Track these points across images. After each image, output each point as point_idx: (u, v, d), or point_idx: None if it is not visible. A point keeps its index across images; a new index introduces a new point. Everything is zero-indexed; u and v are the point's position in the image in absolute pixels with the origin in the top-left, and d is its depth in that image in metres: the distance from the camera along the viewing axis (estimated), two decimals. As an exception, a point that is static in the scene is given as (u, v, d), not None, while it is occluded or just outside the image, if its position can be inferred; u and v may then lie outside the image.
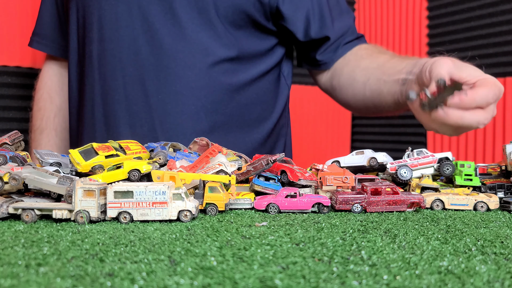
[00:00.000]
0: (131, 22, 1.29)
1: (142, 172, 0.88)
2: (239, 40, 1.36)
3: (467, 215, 0.87)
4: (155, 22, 1.28)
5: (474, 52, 2.54)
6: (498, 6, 2.44)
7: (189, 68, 1.30)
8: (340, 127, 3.28)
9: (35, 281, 0.46)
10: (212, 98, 1.33)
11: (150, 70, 1.30)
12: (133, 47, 1.30)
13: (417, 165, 1.07)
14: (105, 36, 1.32)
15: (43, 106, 1.57)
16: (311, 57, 1.49)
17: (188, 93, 1.31)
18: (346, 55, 1.45)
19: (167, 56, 1.29)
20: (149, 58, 1.30)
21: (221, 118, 1.36)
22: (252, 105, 1.43)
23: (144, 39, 1.29)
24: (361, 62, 1.40)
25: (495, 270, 0.52)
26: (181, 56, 1.30)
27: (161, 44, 1.29)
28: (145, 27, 1.29)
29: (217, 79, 1.33)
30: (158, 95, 1.30)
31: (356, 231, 0.71)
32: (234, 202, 0.91)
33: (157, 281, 0.46)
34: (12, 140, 0.99)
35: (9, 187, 0.84)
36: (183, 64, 1.30)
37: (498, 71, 2.44)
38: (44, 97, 1.58)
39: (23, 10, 2.10)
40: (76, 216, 0.74)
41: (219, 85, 1.34)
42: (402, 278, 0.49)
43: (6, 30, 2.08)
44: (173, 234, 0.67)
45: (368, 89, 1.37)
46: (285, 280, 0.47)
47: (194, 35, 1.30)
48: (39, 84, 1.62)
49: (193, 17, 1.29)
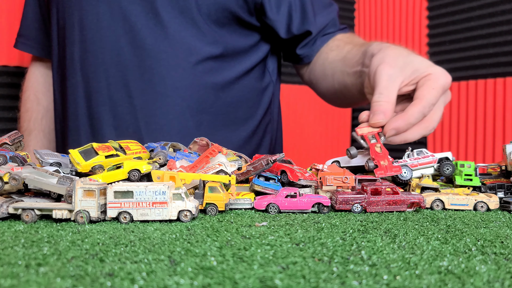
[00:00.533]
0: (113, 22, 1.28)
1: (142, 172, 0.88)
2: (223, 38, 1.34)
3: (467, 215, 0.87)
4: (137, 22, 1.27)
5: (474, 52, 2.54)
6: (498, 6, 2.44)
7: (172, 68, 1.29)
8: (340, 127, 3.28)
9: (35, 281, 0.46)
10: (197, 98, 1.32)
11: (133, 71, 1.29)
12: (115, 48, 1.28)
13: (417, 165, 1.07)
14: (87, 37, 1.30)
15: (31, 108, 1.55)
16: (293, 52, 1.47)
17: (172, 93, 1.30)
18: (322, 47, 1.43)
19: (150, 57, 1.28)
20: (132, 59, 1.28)
21: (206, 118, 1.35)
22: (238, 103, 1.41)
23: (126, 40, 1.28)
24: (329, 54, 1.39)
25: (495, 270, 0.52)
26: (164, 56, 1.28)
27: (144, 45, 1.28)
28: (127, 28, 1.27)
29: (202, 78, 1.32)
30: (142, 96, 1.29)
31: (356, 231, 0.71)
32: (234, 202, 0.91)
33: (157, 281, 0.46)
34: (12, 140, 0.99)
35: (9, 187, 0.84)
36: (167, 64, 1.29)
37: (498, 71, 2.44)
38: (31, 98, 1.57)
39: (11, 9, 2.09)
40: (76, 216, 0.74)
41: (204, 84, 1.33)
42: (402, 278, 0.49)
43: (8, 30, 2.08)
44: (173, 234, 0.67)
45: (336, 81, 1.35)
46: (285, 280, 0.47)
47: (177, 34, 1.29)
48: (26, 85, 1.60)
49: (175, 16, 1.28)
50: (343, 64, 1.31)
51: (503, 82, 2.42)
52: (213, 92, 1.35)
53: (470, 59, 2.56)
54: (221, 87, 1.36)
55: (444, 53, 2.70)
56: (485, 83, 2.49)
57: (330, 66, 1.37)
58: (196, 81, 1.31)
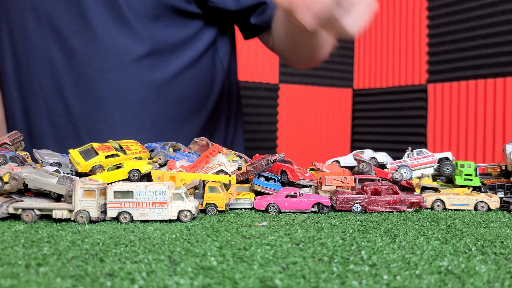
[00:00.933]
0: (41, 32, 1.23)
1: (142, 172, 0.88)
2: (157, 32, 1.27)
3: (467, 215, 0.87)
4: (64, 28, 1.22)
5: (475, 52, 2.54)
6: (498, 6, 2.44)
7: (106, 72, 1.24)
8: (340, 127, 3.28)
9: (35, 281, 0.46)
10: (137, 99, 1.27)
11: (67, 79, 1.24)
12: (46, 57, 1.24)
13: (417, 165, 1.07)
14: (17, 50, 1.26)
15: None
16: (248, 24, 1.38)
17: (110, 97, 1.25)
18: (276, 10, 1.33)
19: (82, 63, 1.23)
20: (63, 67, 1.24)
21: (149, 117, 1.29)
22: (183, 97, 1.34)
23: (56, 48, 1.23)
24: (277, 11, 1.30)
25: (495, 270, 0.52)
26: (95, 60, 1.23)
27: (73, 50, 1.23)
28: (55, 35, 1.23)
29: (139, 78, 1.27)
30: (79, 104, 1.24)
31: (356, 231, 0.71)
32: (234, 202, 0.91)
33: (157, 281, 0.46)
34: (12, 140, 0.99)
35: (9, 187, 0.84)
36: (99, 69, 1.23)
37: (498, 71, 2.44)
38: None
39: None
40: (76, 216, 0.74)
41: (142, 84, 1.27)
42: (402, 278, 0.49)
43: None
44: (173, 234, 0.67)
45: (283, 34, 1.29)
46: (285, 280, 0.47)
47: (106, 36, 1.23)
48: None
49: (103, 16, 1.22)
50: (279, 14, 1.25)
51: (503, 82, 2.42)
52: (153, 91, 1.29)
53: (470, 59, 2.56)
54: (161, 84, 1.30)
55: (444, 53, 2.69)
56: (485, 83, 2.49)
57: (277, 20, 1.30)
58: (132, 82, 1.26)
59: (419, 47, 2.84)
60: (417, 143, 2.78)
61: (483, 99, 2.51)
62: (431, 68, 2.77)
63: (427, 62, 2.80)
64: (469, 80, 2.57)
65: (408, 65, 2.91)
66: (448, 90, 2.67)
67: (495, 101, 2.46)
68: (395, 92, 3.01)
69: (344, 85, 3.26)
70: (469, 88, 2.57)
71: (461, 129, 2.63)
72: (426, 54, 2.79)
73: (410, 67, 2.90)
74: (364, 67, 3.25)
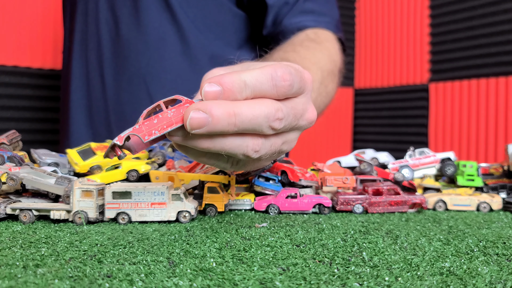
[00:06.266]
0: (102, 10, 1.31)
1: (141, 172, 0.87)
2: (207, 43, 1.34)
3: (469, 215, 0.87)
4: (117, 11, 1.30)
5: (476, 51, 2.53)
6: (499, 5, 2.43)
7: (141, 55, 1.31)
8: (341, 127, 3.27)
9: (33, 282, 0.45)
10: (161, 87, 1.34)
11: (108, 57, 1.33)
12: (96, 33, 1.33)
13: (418, 165, 1.06)
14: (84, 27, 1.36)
15: None
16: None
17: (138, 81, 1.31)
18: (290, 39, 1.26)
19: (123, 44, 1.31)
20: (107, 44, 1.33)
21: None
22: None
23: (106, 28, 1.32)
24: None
25: (497, 271, 0.51)
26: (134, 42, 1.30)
27: (119, 32, 1.31)
28: (111, 15, 1.31)
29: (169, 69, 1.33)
30: (113, 82, 1.33)
31: (358, 232, 0.70)
32: (234, 203, 0.90)
33: (155, 282, 0.46)
34: (10, 140, 0.98)
35: (7, 188, 0.83)
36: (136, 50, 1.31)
37: (500, 70, 2.43)
38: None
39: (11, 10, 2.09)
40: (74, 217, 0.74)
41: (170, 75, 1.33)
42: (404, 279, 0.48)
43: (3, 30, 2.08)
44: (172, 235, 0.67)
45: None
46: (285, 282, 0.46)
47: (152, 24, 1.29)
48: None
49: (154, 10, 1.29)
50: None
51: (505, 81, 2.41)
52: (180, 83, 1.34)
53: (472, 58, 2.56)
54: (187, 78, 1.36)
55: (446, 52, 2.69)
56: (487, 82, 2.48)
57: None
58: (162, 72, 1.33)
59: (420, 46, 2.83)
60: (419, 143, 2.77)
61: (485, 99, 2.51)
62: (433, 67, 2.76)
63: (429, 61, 2.79)
64: (471, 79, 2.56)
65: (410, 64, 2.91)
66: (450, 90, 2.67)
67: (497, 100, 2.45)
68: (396, 91, 3.00)
69: (345, 84, 3.25)
70: (471, 87, 2.56)
71: (463, 129, 2.62)
72: (428, 53, 2.78)
73: (412, 66, 2.89)
74: (366, 66, 3.24)
